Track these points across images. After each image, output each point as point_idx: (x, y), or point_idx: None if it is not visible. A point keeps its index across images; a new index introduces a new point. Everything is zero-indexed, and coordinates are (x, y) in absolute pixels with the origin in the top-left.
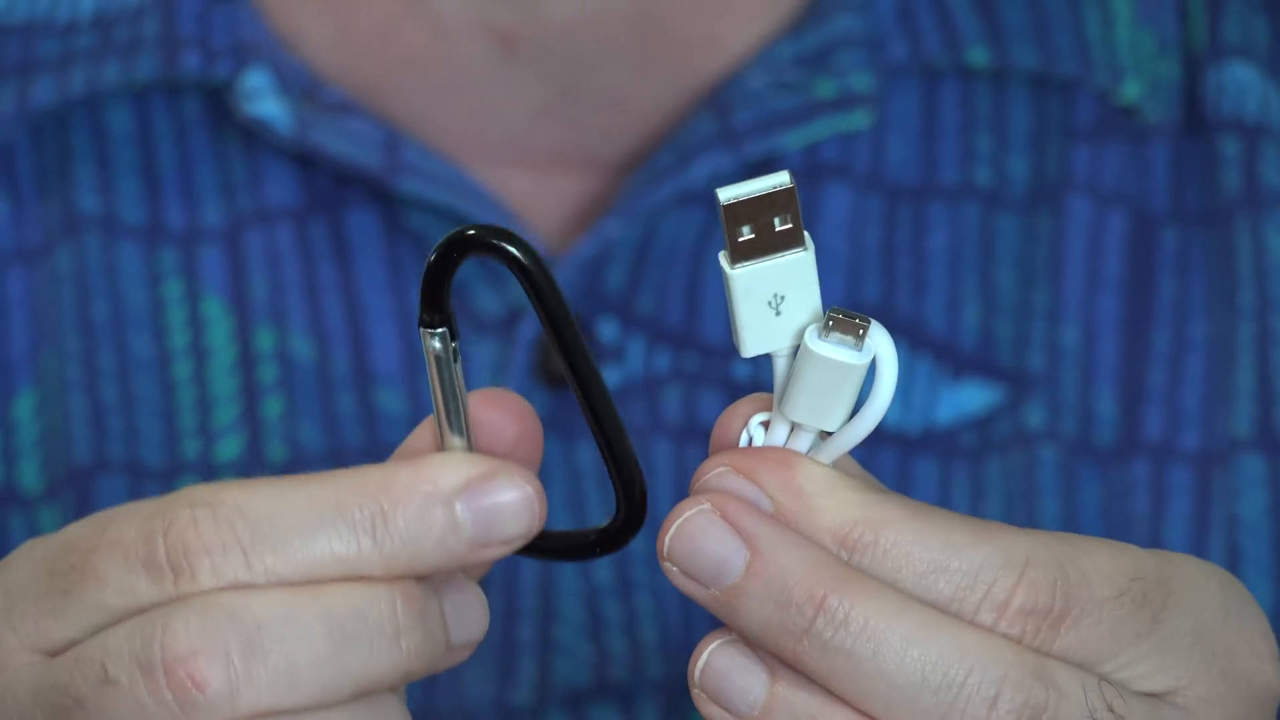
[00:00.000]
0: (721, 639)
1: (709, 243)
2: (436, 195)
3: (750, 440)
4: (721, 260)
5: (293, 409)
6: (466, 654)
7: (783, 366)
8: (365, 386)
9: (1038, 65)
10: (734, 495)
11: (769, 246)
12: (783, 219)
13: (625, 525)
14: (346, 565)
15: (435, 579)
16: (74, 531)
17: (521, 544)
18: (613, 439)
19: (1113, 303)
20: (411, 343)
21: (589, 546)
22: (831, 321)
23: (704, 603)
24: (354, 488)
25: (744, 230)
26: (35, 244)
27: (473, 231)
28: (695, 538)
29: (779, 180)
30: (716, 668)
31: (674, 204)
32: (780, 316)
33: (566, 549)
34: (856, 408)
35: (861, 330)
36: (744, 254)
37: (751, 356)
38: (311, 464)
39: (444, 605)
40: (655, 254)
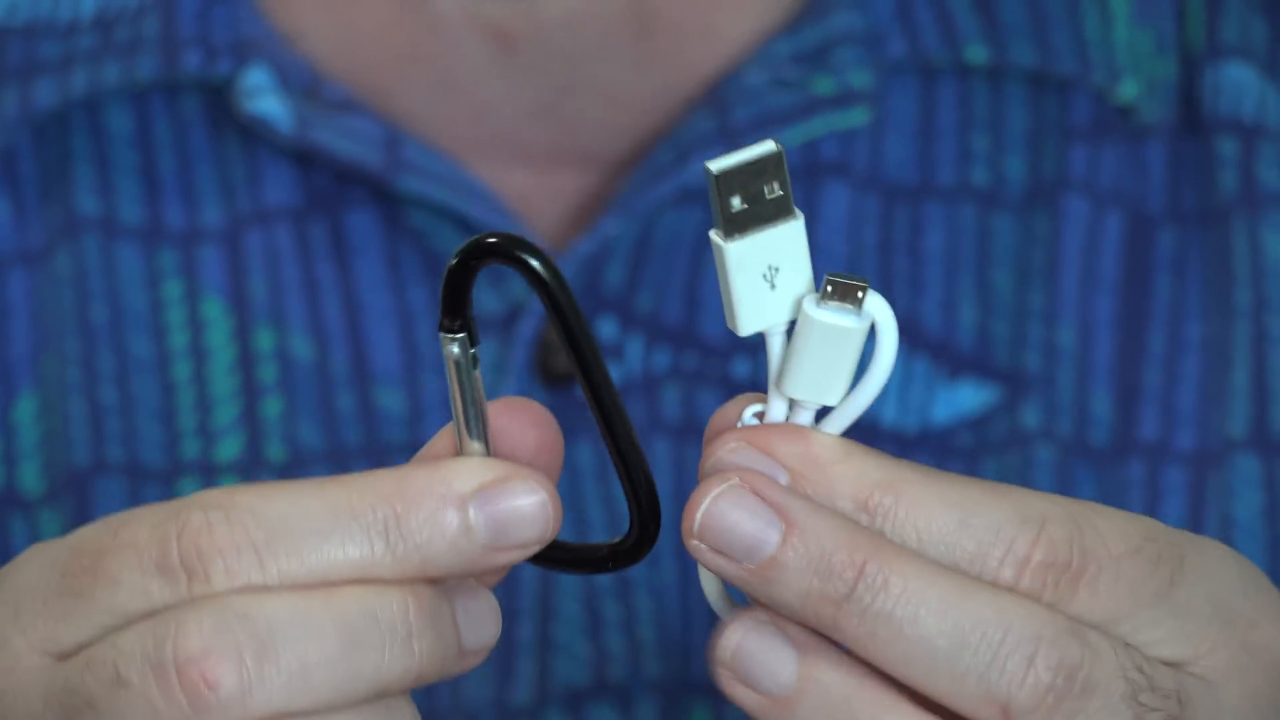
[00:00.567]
0: (749, 619)
1: (708, 241)
2: (437, 193)
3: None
4: (713, 236)
5: (292, 409)
6: (479, 660)
7: (778, 345)
8: (365, 386)
9: (1036, 64)
10: (754, 470)
11: (760, 217)
12: (771, 188)
13: (639, 543)
14: (360, 568)
15: (449, 584)
16: (85, 535)
17: (536, 549)
18: (630, 460)
19: (1109, 303)
20: (412, 342)
21: (601, 561)
22: (830, 287)
23: (734, 578)
24: (368, 490)
25: (734, 202)
26: (36, 247)
27: (493, 240)
28: (727, 515)
29: (766, 148)
30: (745, 648)
31: (673, 202)
32: (775, 290)
33: (579, 562)
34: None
35: (860, 293)
36: (736, 227)
37: (748, 334)
38: (311, 463)
39: (456, 610)
40: (654, 252)
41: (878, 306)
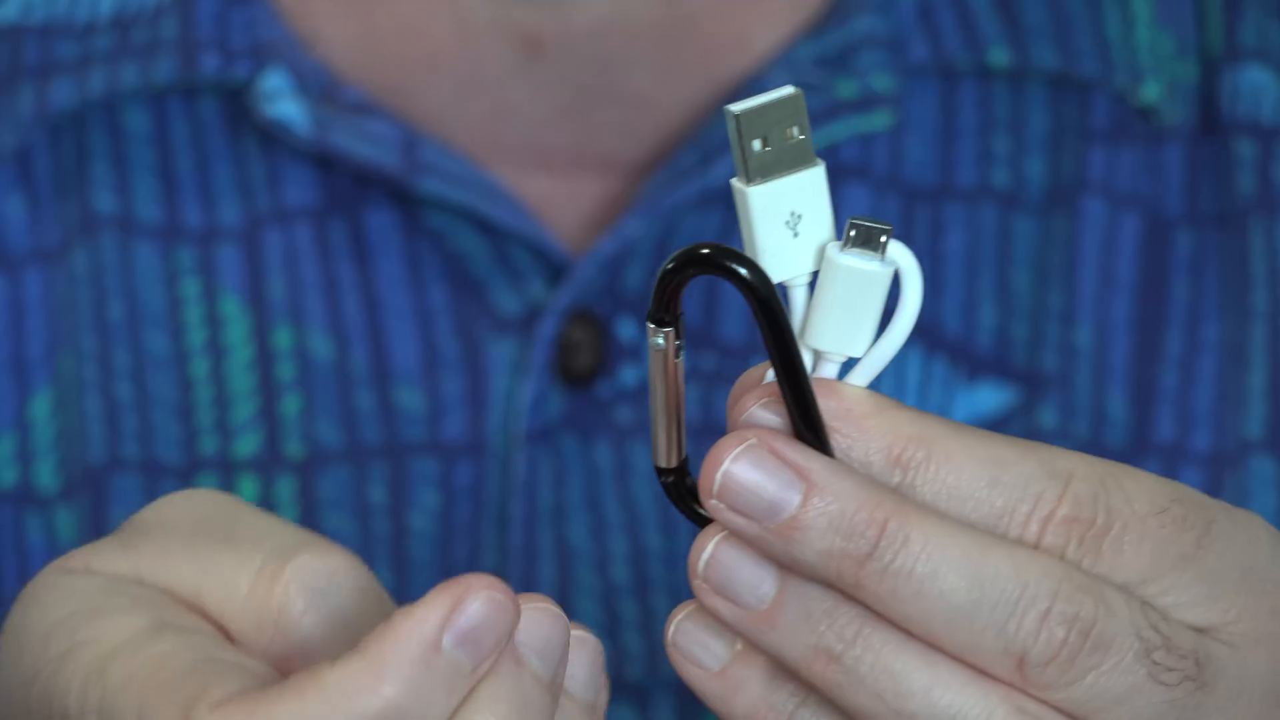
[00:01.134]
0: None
1: (729, 241)
2: (455, 194)
3: None
4: (735, 183)
5: (311, 406)
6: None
7: (801, 297)
8: (384, 384)
9: (1058, 65)
10: (775, 428)
11: (782, 162)
12: (792, 133)
13: None
14: None
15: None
16: None
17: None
18: None
19: (1126, 304)
20: (431, 341)
21: None
22: (854, 231)
23: (754, 538)
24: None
25: (755, 145)
26: (53, 245)
27: (705, 250)
28: (747, 475)
29: (787, 91)
30: (722, 559)
31: (695, 204)
32: (798, 238)
33: None
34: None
35: (884, 237)
36: (758, 171)
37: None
38: (329, 461)
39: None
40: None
41: (901, 253)
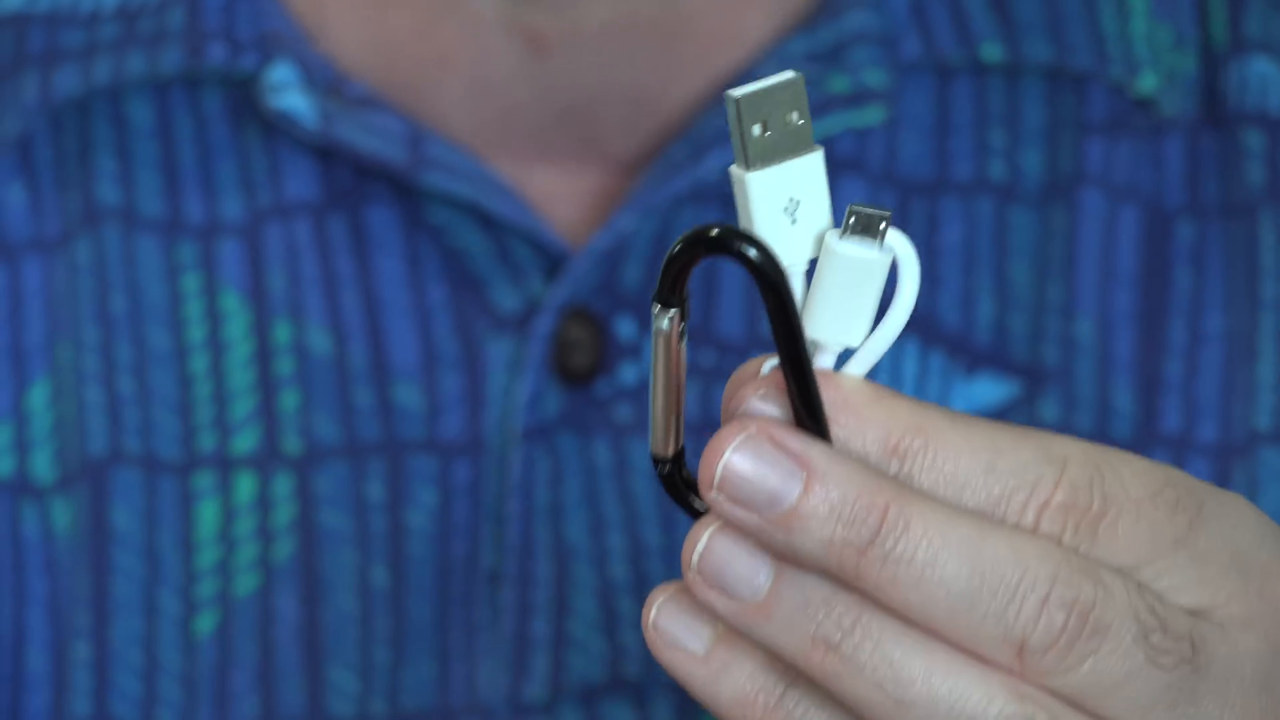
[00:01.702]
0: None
1: None
2: (459, 189)
3: None
4: (733, 170)
5: (309, 402)
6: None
7: (798, 287)
8: (383, 380)
9: (1052, 59)
10: (774, 418)
11: (781, 148)
12: (791, 118)
13: None
14: None
15: None
16: None
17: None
18: None
19: (1127, 296)
20: (430, 338)
21: None
22: (853, 218)
23: (755, 530)
24: None
25: (755, 130)
26: (53, 234)
27: (715, 232)
28: (747, 465)
29: (787, 75)
30: (718, 552)
31: (690, 198)
32: (796, 225)
33: None
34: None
35: (883, 224)
36: (758, 157)
37: None
38: (327, 457)
39: None
40: None
41: (899, 241)
